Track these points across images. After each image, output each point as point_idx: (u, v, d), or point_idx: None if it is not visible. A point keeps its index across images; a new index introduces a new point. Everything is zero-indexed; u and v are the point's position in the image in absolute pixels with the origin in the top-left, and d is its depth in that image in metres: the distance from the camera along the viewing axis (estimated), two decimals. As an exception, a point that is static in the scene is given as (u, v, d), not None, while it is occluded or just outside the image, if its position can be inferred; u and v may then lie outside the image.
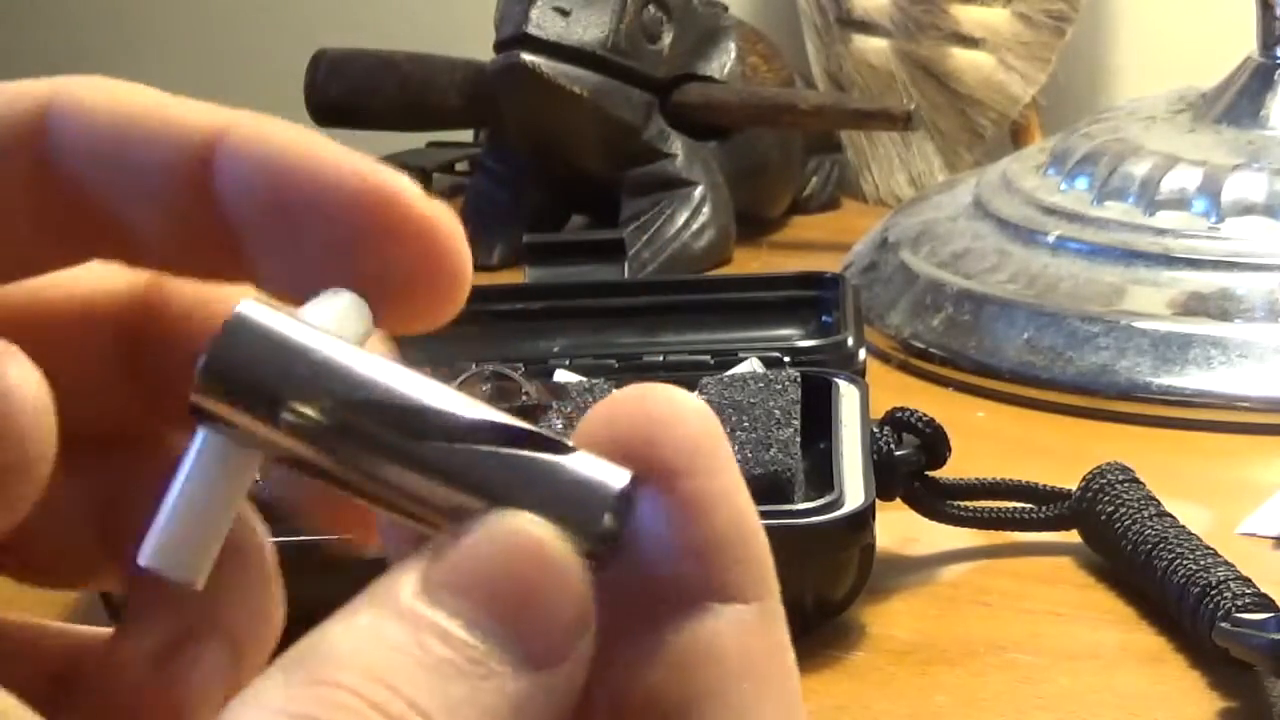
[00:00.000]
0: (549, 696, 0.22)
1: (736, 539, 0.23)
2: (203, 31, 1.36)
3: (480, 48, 0.96)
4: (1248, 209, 0.78)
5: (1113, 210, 0.81)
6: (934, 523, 0.61)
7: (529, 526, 0.22)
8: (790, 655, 0.24)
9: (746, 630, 0.23)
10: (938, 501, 0.61)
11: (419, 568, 0.22)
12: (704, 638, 0.23)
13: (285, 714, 0.21)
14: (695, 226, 0.94)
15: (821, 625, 0.56)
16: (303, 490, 0.26)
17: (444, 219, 0.25)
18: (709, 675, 0.23)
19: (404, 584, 0.22)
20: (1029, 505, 0.61)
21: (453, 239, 0.25)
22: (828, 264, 0.86)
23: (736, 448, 0.57)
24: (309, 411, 0.22)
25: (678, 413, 0.24)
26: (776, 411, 0.60)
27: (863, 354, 0.69)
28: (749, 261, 0.96)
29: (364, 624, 0.22)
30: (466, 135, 1.13)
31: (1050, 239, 0.81)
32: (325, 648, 0.21)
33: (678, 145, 0.95)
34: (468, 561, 0.22)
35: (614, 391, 0.24)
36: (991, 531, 0.62)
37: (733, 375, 0.64)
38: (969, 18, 1.04)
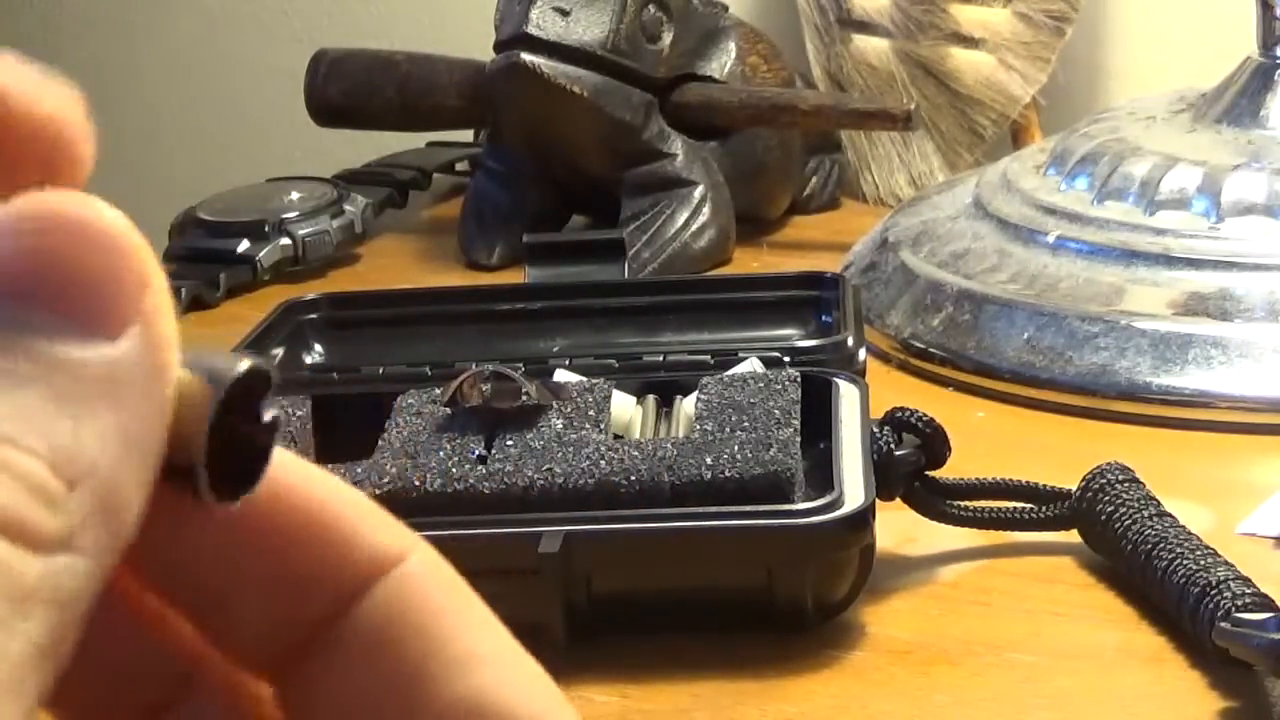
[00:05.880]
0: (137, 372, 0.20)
1: None
2: (203, 32, 1.36)
3: (480, 48, 0.96)
4: (1248, 209, 0.78)
5: (1113, 210, 0.81)
6: (934, 523, 0.61)
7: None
8: None
9: None
10: (938, 501, 0.60)
11: None
12: None
13: None
14: (695, 226, 0.94)
15: (821, 625, 0.56)
16: None
17: None
18: None
19: None
20: (1029, 505, 0.61)
21: None
22: (828, 264, 0.86)
23: (736, 447, 0.57)
24: None
25: None
26: (776, 411, 0.60)
27: (863, 354, 0.69)
28: (749, 261, 0.96)
29: None
30: (466, 135, 1.13)
31: (1050, 239, 0.81)
32: None
33: (678, 145, 0.95)
34: None
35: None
36: (991, 531, 0.62)
37: (733, 375, 0.64)
38: (969, 18, 1.04)
